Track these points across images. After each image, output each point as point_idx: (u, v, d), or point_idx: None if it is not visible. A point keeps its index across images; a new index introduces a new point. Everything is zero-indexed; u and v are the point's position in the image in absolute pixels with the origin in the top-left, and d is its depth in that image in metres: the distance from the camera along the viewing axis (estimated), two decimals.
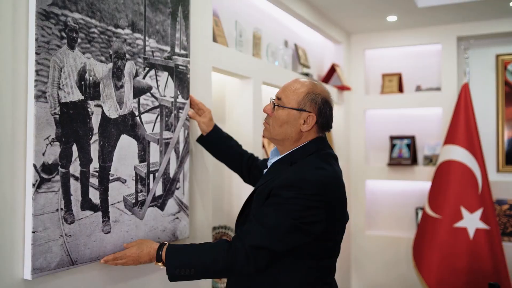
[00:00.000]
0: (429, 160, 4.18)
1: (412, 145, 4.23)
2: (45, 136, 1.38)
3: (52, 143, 1.39)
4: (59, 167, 1.42)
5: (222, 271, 1.50)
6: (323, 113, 1.64)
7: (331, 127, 1.71)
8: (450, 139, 3.76)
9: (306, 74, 3.48)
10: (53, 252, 1.40)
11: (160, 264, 1.54)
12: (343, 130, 4.20)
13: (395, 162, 4.21)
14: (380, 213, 4.46)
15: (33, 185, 1.34)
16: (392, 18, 3.84)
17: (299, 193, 1.47)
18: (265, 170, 1.73)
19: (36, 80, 1.35)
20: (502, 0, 3.43)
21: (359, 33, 4.34)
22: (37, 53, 1.35)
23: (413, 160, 4.21)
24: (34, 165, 1.35)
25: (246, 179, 2.11)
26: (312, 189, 1.48)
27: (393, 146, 4.30)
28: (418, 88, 4.26)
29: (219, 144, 2.08)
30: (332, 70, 3.99)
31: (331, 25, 3.93)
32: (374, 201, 4.49)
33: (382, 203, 4.46)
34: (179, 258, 1.50)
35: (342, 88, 4.02)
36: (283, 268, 1.55)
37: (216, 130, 2.07)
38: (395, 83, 4.31)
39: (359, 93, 4.38)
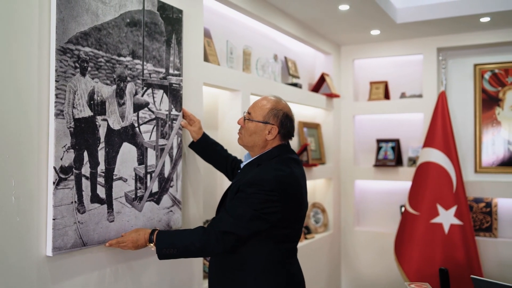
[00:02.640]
0: (413, 161, 4.52)
1: (396, 147, 4.58)
2: (63, 145, 1.77)
3: (68, 150, 1.79)
4: (73, 169, 1.81)
5: (198, 251, 1.89)
6: (284, 125, 2.02)
7: (292, 135, 2.09)
8: (428, 142, 4.11)
9: (295, 84, 3.86)
10: (69, 235, 1.80)
11: (152, 245, 1.93)
12: (333, 134, 4.56)
13: (380, 163, 4.56)
14: (368, 210, 4.82)
15: (53, 183, 1.74)
16: (375, 32, 4.20)
17: (259, 189, 1.86)
18: (239, 171, 2.12)
19: (55, 102, 1.75)
20: (473, 16, 3.76)
21: (348, 44, 4.69)
22: (56, 81, 1.75)
23: (398, 162, 4.55)
24: (54, 167, 1.74)
25: (230, 178, 2.50)
26: (269, 186, 1.86)
27: (379, 148, 4.65)
28: (403, 95, 4.61)
29: (207, 149, 2.47)
30: (322, 79, 4.35)
31: (320, 39, 4.30)
32: (362, 200, 4.85)
33: (369, 201, 4.81)
34: (165, 240, 1.90)
35: (331, 95, 4.38)
36: (249, 250, 1.93)
37: (204, 137, 2.46)
38: (382, 90, 4.65)
39: (349, 100, 4.73)
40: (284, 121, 2.03)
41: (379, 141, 4.68)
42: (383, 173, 4.58)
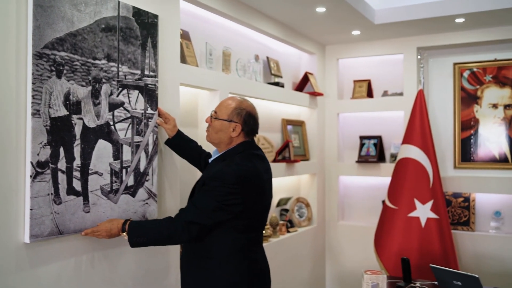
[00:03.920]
0: (395, 158, 4.67)
1: (378, 144, 4.72)
2: (39, 142, 1.94)
3: (44, 146, 1.96)
4: (49, 164, 1.98)
5: (166, 239, 2.06)
6: (248, 123, 2.18)
7: (256, 132, 2.25)
8: (406, 139, 4.25)
9: (277, 83, 4.01)
10: (45, 224, 1.96)
11: (124, 234, 2.09)
12: (317, 131, 4.72)
13: (362, 160, 4.71)
14: (352, 205, 4.98)
15: (31, 176, 1.91)
16: (356, 32, 4.34)
17: (222, 183, 2.02)
18: (208, 166, 2.28)
19: (32, 102, 1.91)
20: (448, 17, 3.90)
21: (332, 44, 4.84)
22: (33, 83, 1.91)
23: (380, 158, 4.70)
24: (31, 162, 1.91)
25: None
26: (231, 179, 2.02)
27: (362, 145, 4.80)
28: (385, 93, 4.75)
29: (182, 145, 2.63)
30: (306, 78, 4.50)
31: (304, 39, 4.45)
32: (346, 195, 5.00)
33: (353, 196, 4.98)
34: (137, 229, 2.07)
35: (314, 94, 4.53)
36: (215, 239, 2.10)
37: (179, 134, 2.62)
38: (365, 88, 4.80)
39: (333, 98, 4.88)
40: (248, 120, 2.19)
41: (362, 138, 4.83)
42: (366, 169, 4.74)
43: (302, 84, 4.53)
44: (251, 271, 2.15)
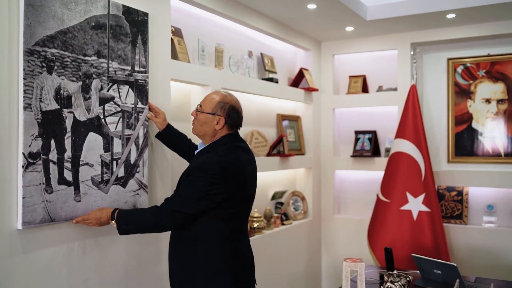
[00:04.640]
0: (389, 152, 4.73)
1: (373, 138, 4.80)
2: (31, 134, 2.05)
3: (36, 138, 2.07)
4: (41, 155, 2.09)
5: (152, 227, 2.17)
6: (231, 116, 2.28)
7: (240, 125, 2.34)
8: (399, 134, 4.32)
9: (271, 79, 4.10)
10: (37, 212, 2.07)
11: (113, 222, 2.20)
12: (312, 126, 4.80)
13: (357, 154, 4.79)
14: (348, 199, 5.06)
15: (23, 166, 2.02)
16: (349, 29, 4.41)
17: (205, 173, 2.12)
18: (194, 157, 2.38)
19: (24, 96, 2.02)
20: (439, 13, 3.95)
21: (328, 40, 4.92)
22: (24, 79, 2.02)
23: (374, 152, 4.77)
24: (23, 153, 2.02)
25: None
26: (213, 170, 2.12)
27: (357, 139, 4.88)
28: (380, 89, 4.82)
29: (171, 138, 2.73)
30: (301, 74, 4.59)
31: (299, 36, 4.53)
32: (342, 189, 5.09)
33: (349, 190, 5.05)
34: (125, 217, 2.17)
35: (309, 89, 4.61)
36: (200, 227, 2.20)
37: (169, 128, 2.72)
38: (360, 84, 4.87)
39: (329, 93, 4.96)
40: (231, 113, 2.28)
41: (357, 132, 4.90)
42: (361, 163, 4.81)
43: (298, 79, 4.61)
44: (234, 259, 2.24)
